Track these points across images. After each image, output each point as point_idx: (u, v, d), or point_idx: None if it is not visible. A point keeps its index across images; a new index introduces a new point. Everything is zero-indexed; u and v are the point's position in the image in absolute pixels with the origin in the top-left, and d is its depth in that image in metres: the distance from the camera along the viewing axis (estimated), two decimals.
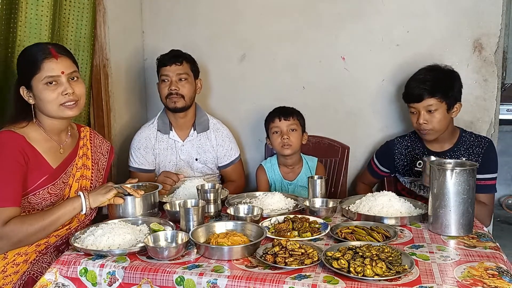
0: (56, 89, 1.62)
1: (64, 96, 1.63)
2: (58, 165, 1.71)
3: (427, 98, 2.03)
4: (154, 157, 2.38)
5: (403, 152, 2.27)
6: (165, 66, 2.29)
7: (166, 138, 2.37)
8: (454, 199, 1.55)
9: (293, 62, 2.64)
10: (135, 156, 2.37)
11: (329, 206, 1.81)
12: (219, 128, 2.44)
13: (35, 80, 1.61)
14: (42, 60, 1.60)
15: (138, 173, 2.35)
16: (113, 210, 1.74)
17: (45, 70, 1.60)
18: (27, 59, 1.64)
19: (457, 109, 2.10)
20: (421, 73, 2.11)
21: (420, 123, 2.06)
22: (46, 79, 1.61)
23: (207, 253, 1.40)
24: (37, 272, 1.56)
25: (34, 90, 1.63)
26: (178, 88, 2.27)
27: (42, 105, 1.64)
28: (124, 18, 2.59)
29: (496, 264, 1.33)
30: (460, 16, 2.38)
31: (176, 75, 2.28)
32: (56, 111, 1.65)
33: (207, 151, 2.40)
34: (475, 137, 2.14)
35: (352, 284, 1.21)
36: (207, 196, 1.79)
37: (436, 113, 2.04)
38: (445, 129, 2.09)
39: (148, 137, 2.37)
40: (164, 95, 2.30)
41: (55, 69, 1.61)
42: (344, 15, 2.53)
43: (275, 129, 2.29)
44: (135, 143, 2.38)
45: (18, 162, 1.58)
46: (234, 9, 2.68)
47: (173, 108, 2.29)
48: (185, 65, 2.31)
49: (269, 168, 2.39)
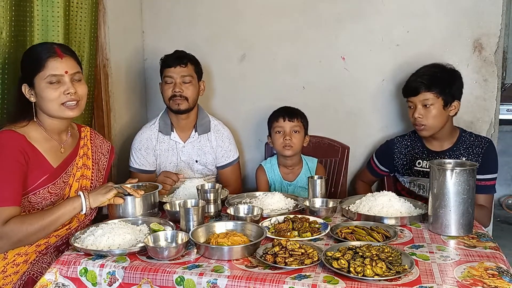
0: (58, 88, 1.63)
1: (66, 95, 1.64)
2: (58, 164, 1.71)
3: (424, 92, 2.05)
4: (155, 158, 2.37)
5: (403, 151, 2.27)
6: (169, 67, 2.28)
7: (167, 139, 2.37)
8: (454, 199, 1.55)
9: (293, 62, 2.64)
10: (135, 157, 2.36)
11: (329, 206, 1.81)
12: (219, 129, 2.44)
13: (38, 78, 1.61)
14: (46, 58, 1.61)
15: (139, 173, 2.34)
16: (113, 210, 1.74)
17: (49, 69, 1.61)
18: (32, 57, 1.64)
19: (455, 107, 2.10)
20: (421, 69, 2.14)
21: (415, 117, 2.08)
22: (49, 78, 1.61)
23: (207, 253, 1.40)
24: (37, 272, 1.57)
25: (36, 88, 1.63)
26: (182, 90, 2.26)
27: (43, 103, 1.64)
28: (124, 18, 2.59)
29: (496, 264, 1.33)
30: (460, 16, 2.38)
31: (180, 77, 2.27)
32: (57, 110, 1.65)
33: (207, 153, 2.39)
34: (475, 137, 2.14)
35: (352, 284, 1.21)
36: (207, 196, 1.79)
37: (432, 108, 2.05)
38: (441, 126, 2.09)
39: (149, 138, 2.36)
40: (167, 97, 2.29)
41: (59, 68, 1.62)
42: (344, 15, 2.53)
43: (278, 128, 2.29)
44: (136, 143, 2.38)
45: (18, 161, 1.58)
46: (234, 9, 2.68)
47: (177, 110, 2.29)
48: (189, 67, 2.30)
49: (269, 169, 2.39)
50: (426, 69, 2.12)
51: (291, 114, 2.29)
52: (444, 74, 2.09)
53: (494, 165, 2.09)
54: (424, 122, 2.07)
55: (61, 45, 1.73)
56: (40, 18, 1.92)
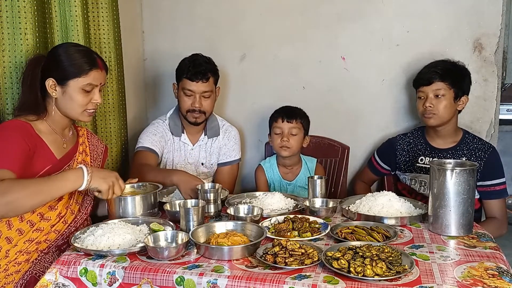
0: (89, 95, 1.73)
1: (93, 103, 1.75)
2: (61, 156, 1.75)
3: (437, 82, 2.09)
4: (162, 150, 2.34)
5: (405, 148, 2.28)
6: (190, 80, 2.22)
7: (177, 140, 2.36)
8: (454, 199, 1.55)
9: (293, 62, 2.64)
10: (149, 138, 2.28)
11: (329, 206, 1.81)
12: (227, 129, 2.44)
13: (75, 81, 1.69)
14: (90, 68, 1.71)
15: (148, 152, 2.25)
16: (113, 210, 1.75)
17: (91, 78, 1.71)
18: (73, 60, 1.69)
19: (463, 102, 2.14)
20: (434, 62, 2.18)
21: (426, 106, 2.10)
22: (87, 86, 1.71)
23: (207, 253, 1.40)
24: (39, 271, 1.57)
25: (67, 88, 1.69)
26: (202, 105, 2.24)
27: (68, 104, 1.71)
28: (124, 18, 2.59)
29: (496, 264, 1.33)
30: (460, 16, 2.38)
31: (201, 92, 2.24)
32: (79, 114, 1.75)
33: (213, 154, 2.40)
34: (478, 140, 2.15)
35: (352, 284, 1.21)
36: (207, 196, 1.79)
37: (443, 99, 2.09)
38: (449, 118, 2.11)
39: (163, 131, 2.35)
40: (185, 109, 2.26)
41: (98, 80, 1.74)
42: (344, 15, 2.53)
43: (276, 129, 2.29)
44: (151, 129, 2.31)
45: (23, 139, 1.60)
46: (234, 9, 2.68)
47: (194, 123, 2.29)
48: (210, 81, 2.26)
49: (268, 168, 2.39)
50: (439, 62, 2.17)
51: (290, 115, 2.28)
52: (457, 68, 2.15)
53: (500, 170, 2.10)
54: (435, 111, 2.09)
55: (99, 56, 1.80)
56: (59, 20, 1.99)
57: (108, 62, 2.22)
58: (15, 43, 1.80)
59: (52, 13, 1.96)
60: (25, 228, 1.63)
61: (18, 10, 1.78)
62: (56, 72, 1.69)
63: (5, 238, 1.60)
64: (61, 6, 1.98)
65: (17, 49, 1.80)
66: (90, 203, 1.85)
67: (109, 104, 2.28)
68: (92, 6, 2.16)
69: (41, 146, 1.68)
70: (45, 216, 1.68)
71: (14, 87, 1.82)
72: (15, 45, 1.80)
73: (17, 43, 1.80)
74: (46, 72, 1.70)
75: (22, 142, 1.59)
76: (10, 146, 1.57)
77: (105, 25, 2.21)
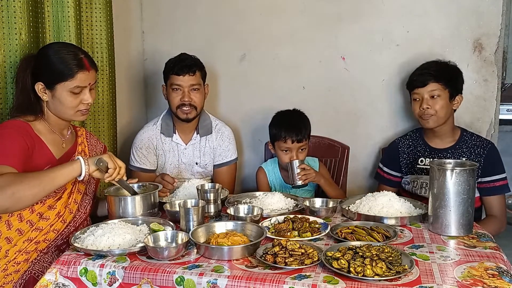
0: (78, 97, 1.70)
1: (84, 104, 1.72)
2: (60, 156, 1.75)
3: (432, 83, 2.09)
4: (156, 158, 2.37)
5: (406, 150, 2.28)
6: (177, 75, 2.24)
7: (169, 140, 2.36)
8: (454, 199, 1.55)
9: (293, 62, 2.64)
10: (136, 156, 2.36)
11: (329, 206, 1.81)
12: (220, 129, 2.43)
13: (61, 85, 1.67)
14: (76, 71, 1.67)
15: (139, 172, 2.34)
16: (113, 210, 1.75)
17: (77, 81, 1.68)
18: (59, 65, 1.66)
19: (458, 101, 2.15)
20: (426, 64, 2.19)
21: (424, 108, 2.09)
22: (75, 89, 1.68)
23: (207, 253, 1.40)
24: (38, 271, 1.57)
25: (55, 92, 1.68)
26: (191, 99, 2.25)
27: (58, 107, 1.70)
28: (124, 18, 2.59)
29: (496, 264, 1.33)
30: (460, 16, 2.38)
31: (189, 86, 2.25)
32: (71, 115, 1.73)
33: (207, 154, 2.39)
34: (477, 137, 2.15)
35: (352, 284, 1.21)
36: (207, 196, 1.79)
37: (439, 99, 2.09)
38: (446, 118, 2.11)
39: (150, 138, 2.36)
40: (175, 105, 2.27)
41: (86, 81, 1.70)
42: (344, 15, 2.53)
43: (285, 148, 2.20)
44: (137, 142, 2.37)
45: (22, 138, 1.60)
46: (234, 9, 2.68)
47: (185, 119, 2.28)
48: (197, 74, 2.27)
49: (270, 171, 2.37)
50: (431, 63, 2.18)
51: (299, 134, 2.17)
52: (449, 68, 2.16)
53: (500, 165, 2.10)
54: (432, 112, 2.09)
55: (87, 55, 1.76)
56: (51, 19, 1.97)
57: (100, 63, 2.21)
58: (10, 42, 1.78)
59: (45, 13, 1.94)
60: (25, 228, 1.63)
61: (13, 10, 1.76)
62: (43, 77, 1.68)
63: (5, 238, 1.60)
64: (54, 6, 1.97)
65: (12, 49, 1.78)
66: (89, 203, 1.85)
67: (99, 104, 2.26)
68: (86, 6, 2.16)
69: (40, 146, 1.68)
70: (44, 216, 1.68)
71: (8, 87, 1.80)
72: (10, 45, 1.78)
73: (12, 42, 1.78)
74: (35, 76, 1.70)
75: (21, 141, 1.60)
76: (10, 143, 1.57)
77: (98, 26, 2.20)
